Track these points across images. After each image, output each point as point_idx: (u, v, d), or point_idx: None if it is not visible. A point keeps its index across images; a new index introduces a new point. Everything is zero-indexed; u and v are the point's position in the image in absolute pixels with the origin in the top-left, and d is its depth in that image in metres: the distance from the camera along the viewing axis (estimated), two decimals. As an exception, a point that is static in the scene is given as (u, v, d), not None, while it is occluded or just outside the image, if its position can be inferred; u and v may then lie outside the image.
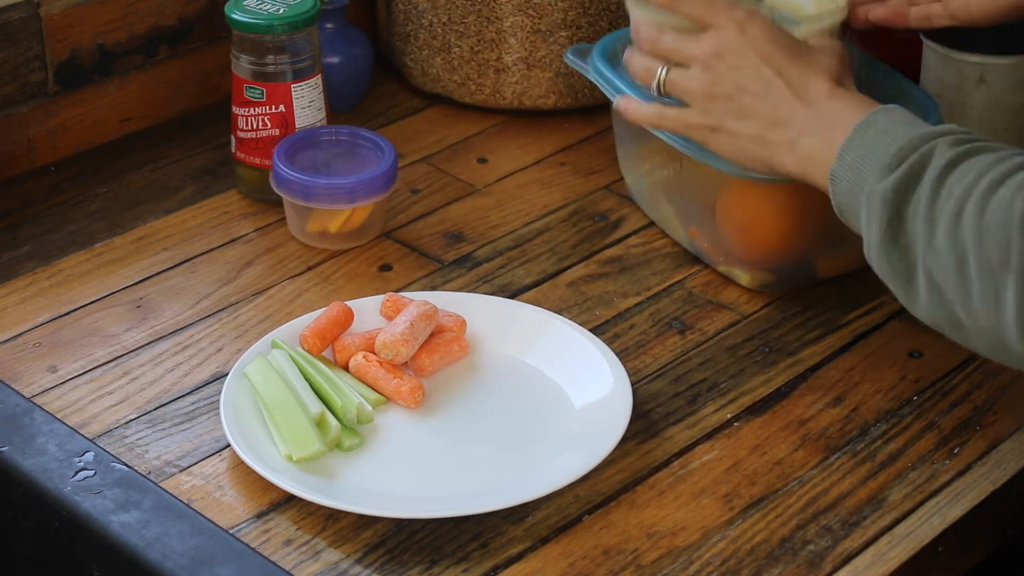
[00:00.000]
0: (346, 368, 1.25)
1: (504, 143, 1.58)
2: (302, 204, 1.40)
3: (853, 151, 1.11)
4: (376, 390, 1.23)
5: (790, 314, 1.34)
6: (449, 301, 1.30)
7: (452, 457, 1.18)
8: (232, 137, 1.49)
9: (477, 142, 1.58)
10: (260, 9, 1.43)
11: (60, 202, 1.48)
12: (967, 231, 1.02)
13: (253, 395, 1.20)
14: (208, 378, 1.26)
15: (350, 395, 1.20)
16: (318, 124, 1.48)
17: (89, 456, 1.17)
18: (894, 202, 1.07)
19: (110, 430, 1.20)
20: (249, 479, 1.15)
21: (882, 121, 1.12)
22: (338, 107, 1.58)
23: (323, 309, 1.28)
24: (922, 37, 1.45)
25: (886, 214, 1.07)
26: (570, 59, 1.47)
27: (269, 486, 1.14)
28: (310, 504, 1.13)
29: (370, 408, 1.20)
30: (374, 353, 1.24)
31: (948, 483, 1.16)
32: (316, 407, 1.18)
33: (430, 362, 1.25)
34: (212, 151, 1.55)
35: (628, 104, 1.29)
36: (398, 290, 1.36)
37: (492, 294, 1.35)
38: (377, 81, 1.66)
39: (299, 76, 1.45)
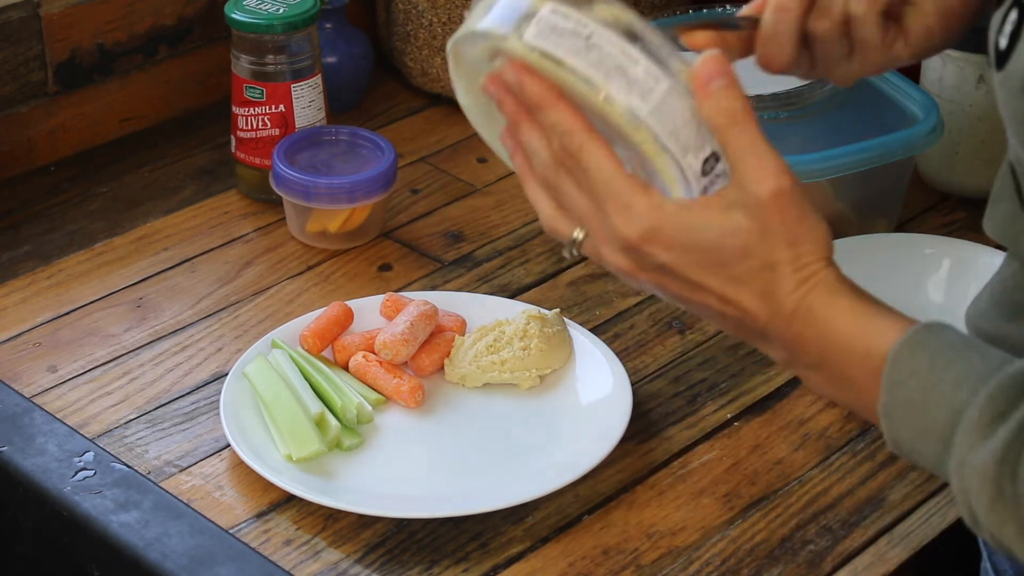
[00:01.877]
0: (346, 368, 1.25)
1: (504, 143, 1.58)
2: (302, 204, 1.39)
3: (904, 388, 0.86)
4: (376, 390, 1.23)
5: (790, 314, 1.34)
6: (449, 301, 1.30)
7: (452, 457, 1.18)
8: (232, 137, 1.49)
9: (477, 142, 1.58)
10: (260, 9, 1.43)
11: (60, 202, 1.48)
12: None
13: (253, 395, 1.20)
14: (208, 378, 1.26)
15: (350, 395, 1.20)
16: (318, 124, 1.48)
17: (89, 456, 1.17)
18: (1000, 476, 0.82)
19: (110, 430, 1.20)
20: (249, 479, 1.15)
21: (932, 344, 0.86)
22: (338, 107, 1.58)
23: (323, 309, 1.28)
24: (922, 37, 1.45)
25: (989, 491, 0.82)
26: (570, 59, 1.47)
27: (269, 486, 1.14)
28: (310, 504, 1.13)
29: (370, 408, 1.20)
30: (374, 353, 1.24)
31: (948, 483, 1.16)
32: (316, 407, 1.18)
33: (430, 362, 1.25)
34: (212, 151, 1.55)
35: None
36: (398, 290, 1.36)
37: (492, 294, 1.35)
38: (377, 81, 1.66)
39: (299, 76, 1.45)
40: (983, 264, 1.28)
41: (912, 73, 1.44)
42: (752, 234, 0.88)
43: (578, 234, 0.92)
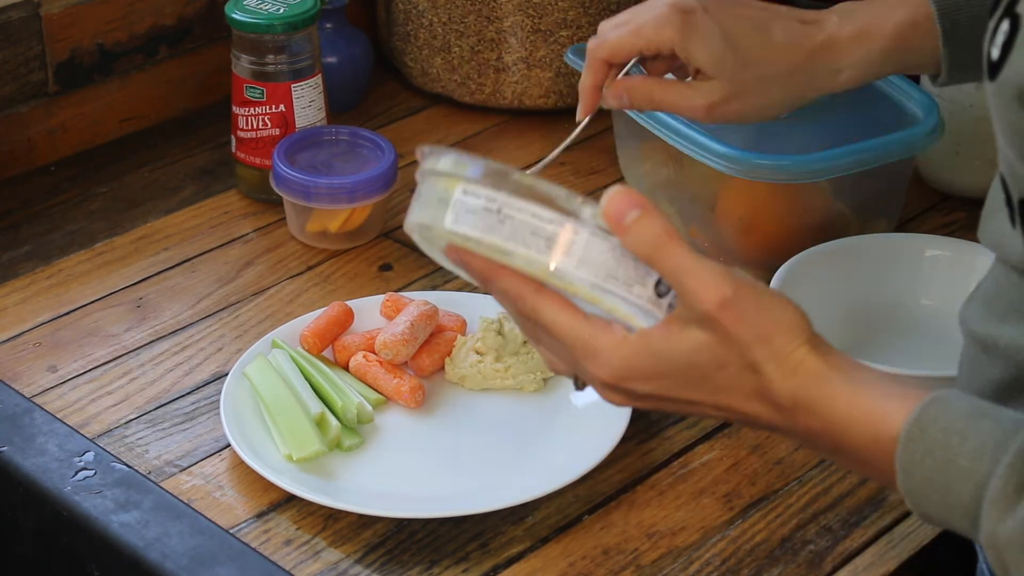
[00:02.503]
0: (346, 368, 1.25)
1: (504, 143, 1.58)
2: (302, 204, 1.40)
3: (922, 467, 0.85)
4: (376, 390, 1.23)
5: (790, 314, 1.34)
6: (449, 301, 1.30)
7: (452, 457, 1.18)
8: (232, 137, 1.49)
9: (477, 142, 1.58)
10: (260, 9, 1.43)
11: (60, 202, 1.48)
12: None
13: (253, 395, 1.20)
14: (208, 378, 1.26)
15: (350, 395, 1.20)
16: (318, 124, 1.48)
17: (89, 456, 1.17)
18: None
19: (110, 430, 1.20)
20: (249, 479, 1.15)
21: (942, 420, 0.85)
22: (338, 107, 1.58)
23: (323, 309, 1.28)
24: (922, 37, 1.45)
25: None
26: (570, 59, 1.47)
27: (269, 486, 1.14)
28: (310, 504, 1.13)
29: (370, 408, 1.20)
30: (374, 353, 1.24)
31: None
32: (316, 407, 1.18)
33: (430, 362, 1.25)
34: (212, 151, 1.55)
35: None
36: (398, 290, 1.36)
37: (492, 294, 1.34)
38: (377, 81, 1.66)
39: (299, 76, 1.45)
40: (983, 264, 1.28)
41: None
42: (718, 346, 0.88)
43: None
